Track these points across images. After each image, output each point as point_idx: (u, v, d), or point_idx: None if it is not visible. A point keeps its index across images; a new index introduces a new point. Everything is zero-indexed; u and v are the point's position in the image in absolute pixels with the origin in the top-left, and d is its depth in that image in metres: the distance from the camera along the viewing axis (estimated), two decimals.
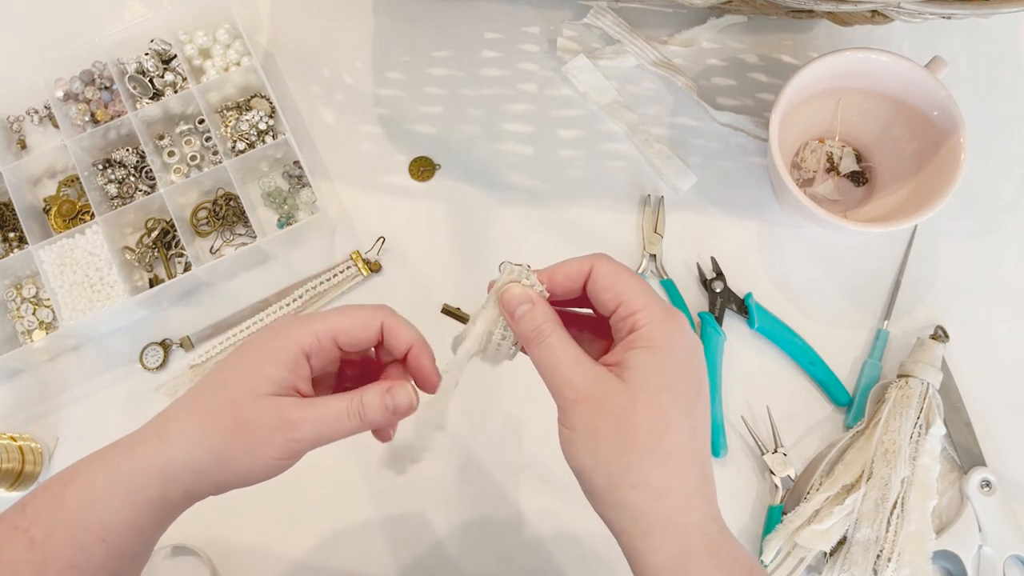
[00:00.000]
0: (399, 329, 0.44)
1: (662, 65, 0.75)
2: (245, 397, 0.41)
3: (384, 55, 0.77)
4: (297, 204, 0.74)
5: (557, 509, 0.66)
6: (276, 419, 0.41)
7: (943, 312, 0.70)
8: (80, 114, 0.72)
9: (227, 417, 0.41)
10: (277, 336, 0.42)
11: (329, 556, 0.66)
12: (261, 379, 0.41)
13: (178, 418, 0.42)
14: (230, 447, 0.41)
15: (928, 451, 0.63)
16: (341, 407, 0.42)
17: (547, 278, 0.42)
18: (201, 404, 0.42)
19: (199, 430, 0.41)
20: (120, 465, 0.41)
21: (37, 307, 0.71)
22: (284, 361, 0.42)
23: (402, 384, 0.43)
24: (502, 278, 0.42)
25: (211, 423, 0.41)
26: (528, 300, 0.41)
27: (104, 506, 0.40)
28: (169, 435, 0.41)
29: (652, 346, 0.39)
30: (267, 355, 0.42)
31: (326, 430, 0.42)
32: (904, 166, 0.69)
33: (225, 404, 0.41)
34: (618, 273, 0.41)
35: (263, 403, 0.41)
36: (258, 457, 0.41)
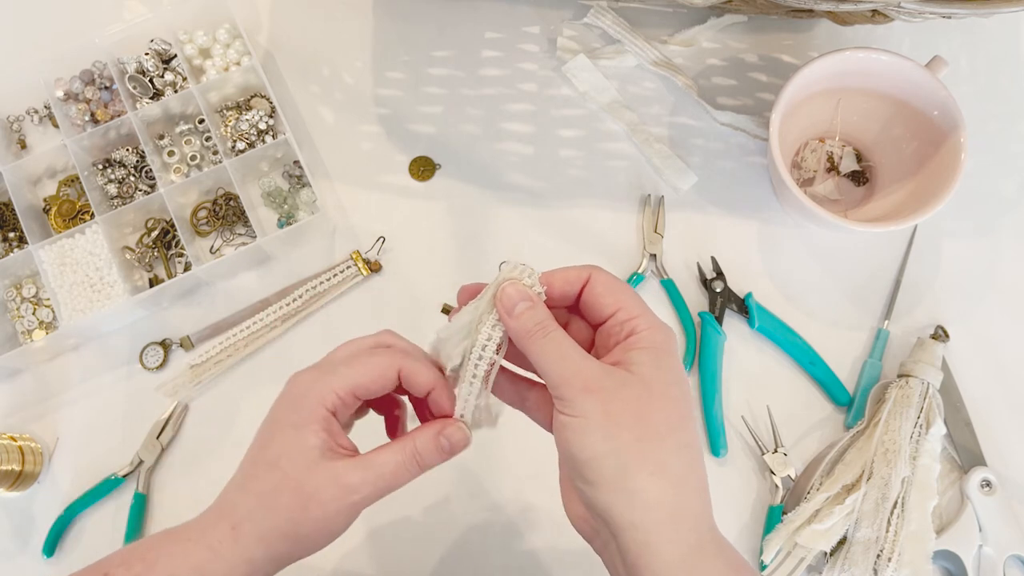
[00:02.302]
0: (417, 375, 0.44)
1: (662, 65, 0.75)
2: (299, 472, 0.41)
3: (384, 55, 0.77)
4: (297, 204, 0.74)
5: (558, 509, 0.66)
6: (336, 487, 0.41)
7: (943, 312, 0.70)
8: (80, 114, 0.72)
9: (289, 499, 0.41)
10: (302, 401, 0.42)
11: (329, 556, 0.66)
12: (306, 450, 0.41)
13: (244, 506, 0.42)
14: (302, 527, 0.41)
15: (928, 451, 0.63)
16: (397, 459, 0.42)
17: (547, 281, 0.42)
18: (259, 489, 0.42)
19: (267, 517, 0.41)
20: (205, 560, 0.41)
21: (37, 307, 0.71)
22: (319, 424, 0.42)
23: (453, 423, 0.43)
24: (501, 274, 0.42)
25: (276, 507, 0.41)
26: (528, 298, 0.41)
27: None
28: (242, 528, 0.41)
29: (654, 348, 0.39)
30: (300, 423, 0.42)
31: (386, 485, 0.42)
32: (904, 166, 0.69)
33: (281, 485, 0.41)
34: (616, 282, 0.41)
35: (319, 473, 0.41)
36: (328, 527, 0.42)
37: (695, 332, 0.70)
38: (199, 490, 0.66)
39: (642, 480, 0.36)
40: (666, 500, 0.36)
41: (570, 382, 0.38)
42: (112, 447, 0.68)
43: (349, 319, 0.71)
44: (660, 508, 0.36)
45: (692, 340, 0.69)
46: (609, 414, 0.37)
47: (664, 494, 0.36)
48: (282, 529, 0.41)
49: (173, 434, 0.68)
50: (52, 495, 0.68)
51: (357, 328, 0.49)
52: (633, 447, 0.37)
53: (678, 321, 0.70)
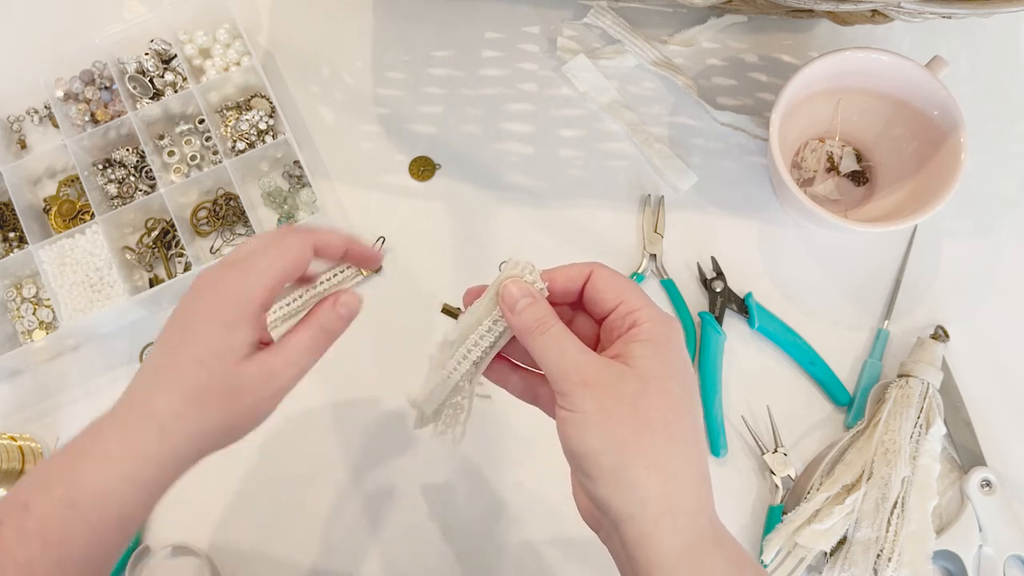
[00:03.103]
0: (330, 241, 0.47)
1: (662, 65, 0.75)
2: (228, 369, 0.42)
3: (384, 55, 0.77)
4: (297, 204, 0.74)
5: (559, 507, 0.66)
6: (263, 375, 0.43)
7: (943, 312, 0.70)
8: (80, 114, 0.72)
9: (219, 394, 0.42)
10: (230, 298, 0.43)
11: (329, 556, 0.66)
12: (235, 347, 0.43)
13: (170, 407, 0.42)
14: (233, 417, 0.43)
15: (928, 451, 0.63)
16: (308, 336, 0.45)
17: (549, 278, 0.43)
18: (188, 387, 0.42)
19: (199, 415, 0.42)
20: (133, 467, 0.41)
21: (37, 307, 0.71)
22: (250, 322, 0.43)
23: (346, 291, 0.48)
24: (504, 272, 0.43)
25: (208, 403, 0.42)
26: (529, 295, 0.42)
27: (120, 503, 0.41)
28: (169, 425, 0.42)
29: (655, 340, 0.39)
30: (232, 321, 0.43)
31: (304, 362, 0.45)
32: (904, 166, 0.69)
33: (211, 382, 0.42)
34: (618, 277, 0.42)
35: (246, 367, 0.43)
36: (257, 414, 0.44)
37: (695, 332, 0.70)
38: (199, 489, 0.66)
39: (638, 474, 0.37)
40: (662, 494, 0.37)
41: (568, 377, 0.39)
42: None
43: None
44: (656, 502, 0.37)
45: (692, 340, 0.69)
46: (606, 409, 0.38)
47: (660, 488, 0.37)
48: (213, 425, 0.42)
49: None
50: None
51: (357, 328, 0.49)
52: (629, 442, 0.37)
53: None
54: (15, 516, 0.41)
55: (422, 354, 0.72)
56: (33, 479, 0.42)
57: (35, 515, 0.40)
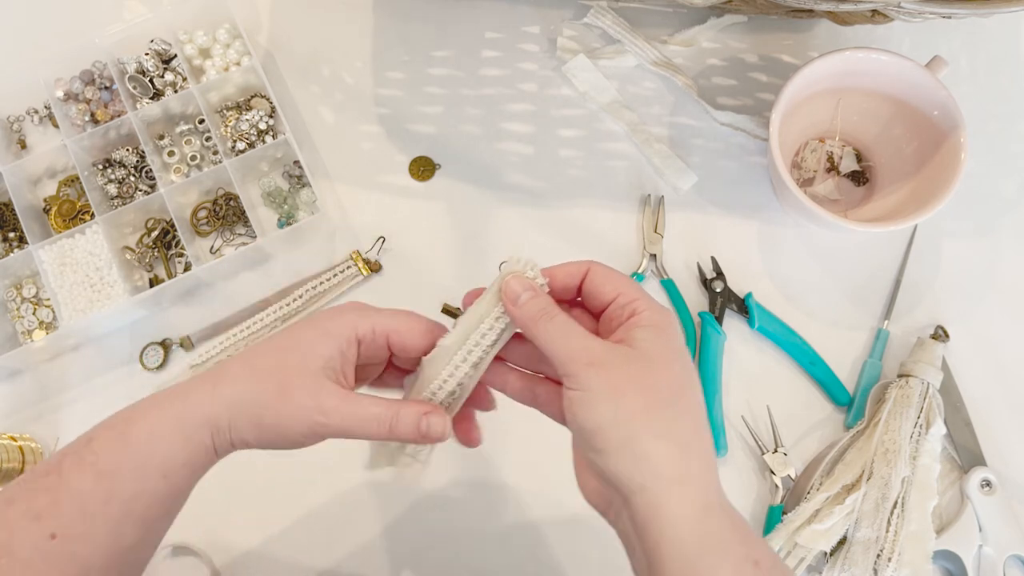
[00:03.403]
0: None
1: (662, 65, 0.75)
2: (294, 367, 0.43)
3: (384, 55, 0.77)
4: (297, 204, 0.74)
5: (562, 505, 0.66)
6: (313, 400, 0.42)
7: (943, 312, 0.70)
8: (80, 114, 0.72)
9: (273, 381, 0.43)
10: (338, 317, 0.45)
11: (329, 556, 0.66)
12: (314, 354, 0.43)
13: (232, 370, 0.44)
14: (267, 409, 0.43)
15: (928, 451, 0.63)
16: (376, 412, 0.43)
17: (548, 274, 0.44)
18: (254, 362, 0.44)
19: (246, 384, 0.43)
20: (179, 409, 0.43)
21: (37, 307, 0.71)
22: (339, 342, 0.44)
23: (441, 413, 0.44)
24: (503, 270, 0.44)
25: (258, 381, 0.43)
26: (531, 288, 0.43)
27: (167, 445, 0.42)
28: (221, 385, 0.44)
29: (655, 325, 0.41)
30: (325, 332, 0.44)
31: (354, 427, 0.43)
32: (904, 166, 0.69)
33: (275, 369, 0.43)
34: (614, 272, 0.44)
35: (308, 379, 0.43)
36: (287, 426, 0.43)
37: (695, 332, 0.70)
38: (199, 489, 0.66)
39: (648, 444, 0.38)
40: (672, 463, 0.38)
41: (575, 359, 0.40)
42: None
43: None
44: (666, 471, 0.37)
45: (692, 340, 0.69)
46: (614, 385, 0.39)
47: (670, 457, 0.38)
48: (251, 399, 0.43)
49: None
50: None
51: None
52: (638, 414, 0.38)
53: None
54: (79, 446, 0.43)
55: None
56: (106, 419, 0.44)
57: (94, 447, 0.43)
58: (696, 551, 0.37)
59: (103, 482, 0.41)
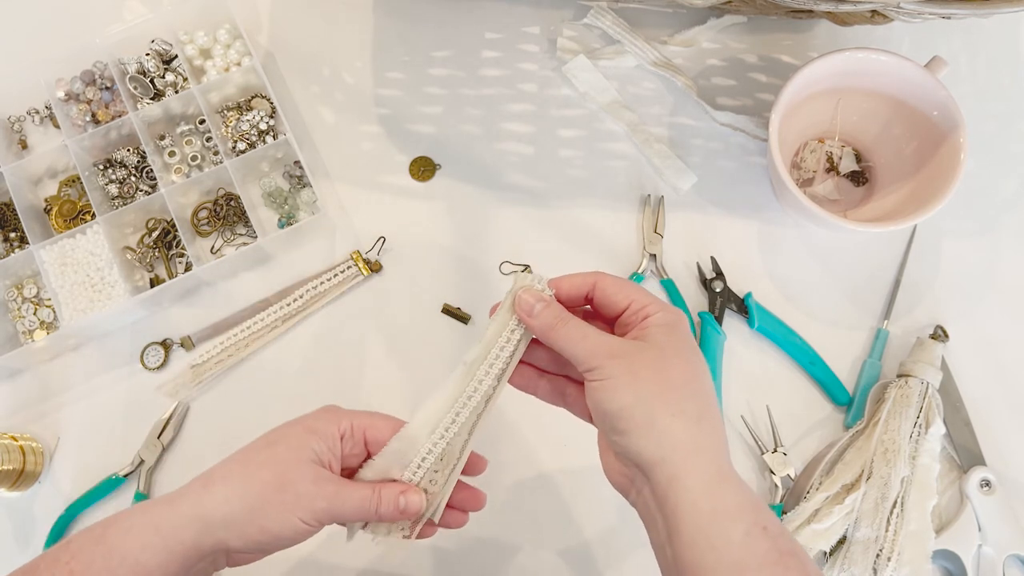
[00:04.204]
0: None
1: (662, 65, 0.75)
2: (290, 458, 0.46)
3: (384, 55, 0.77)
4: (298, 204, 0.74)
5: (564, 506, 0.66)
6: (313, 485, 0.45)
7: (943, 312, 0.70)
8: (81, 114, 0.72)
9: (270, 473, 0.45)
10: (322, 416, 0.49)
11: (330, 555, 0.66)
12: (306, 447, 0.46)
13: (224, 469, 0.46)
14: (266, 503, 0.44)
15: (928, 450, 0.63)
16: (364, 494, 0.47)
17: (555, 285, 0.47)
18: (248, 458, 0.47)
19: (241, 482, 0.45)
20: (161, 512, 0.44)
21: (38, 307, 0.71)
22: (326, 437, 0.47)
23: (417, 490, 0.48)
24: (514, 286, 0.47)
25: (254, 476, 0.45)
26: (542, 299, 0.46)
27: (139, 546, 0.43)
28: (213, 484, 0.45)
29: (667, 324, 0.44)
30: (313, 429, 0.47)
31: (346, 507, 0.46)
32: (904, 166, 0.69)
33: (270, 461, 0.46)
34: (623, 281, 0.47)
35: (305, 468, 0.46)
36: (289, 517, 0.45)
37: (695, 332, 0.70)
38: None
39: (665, 421, 0.41)
40: (687, 437, 0.41)
41: (596, 353, 0.43)
42: (113, 447, 0.69)
43: (350, 319, 0.71)
44: (683, 444, 0.41)
45: None
46: (633, 372, 0.42)
47: (685, 431, 0.41)
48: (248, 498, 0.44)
49: (174, 434, 0.68)
50: (53, 495, 0.68)
51: (357, 329, 0.49)
52: (656, 395, 0.42)
53: None
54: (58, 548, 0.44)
55: (422, 354, 0.72)
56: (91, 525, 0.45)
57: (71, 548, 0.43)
58: (710, 515, 0.40)
59: None
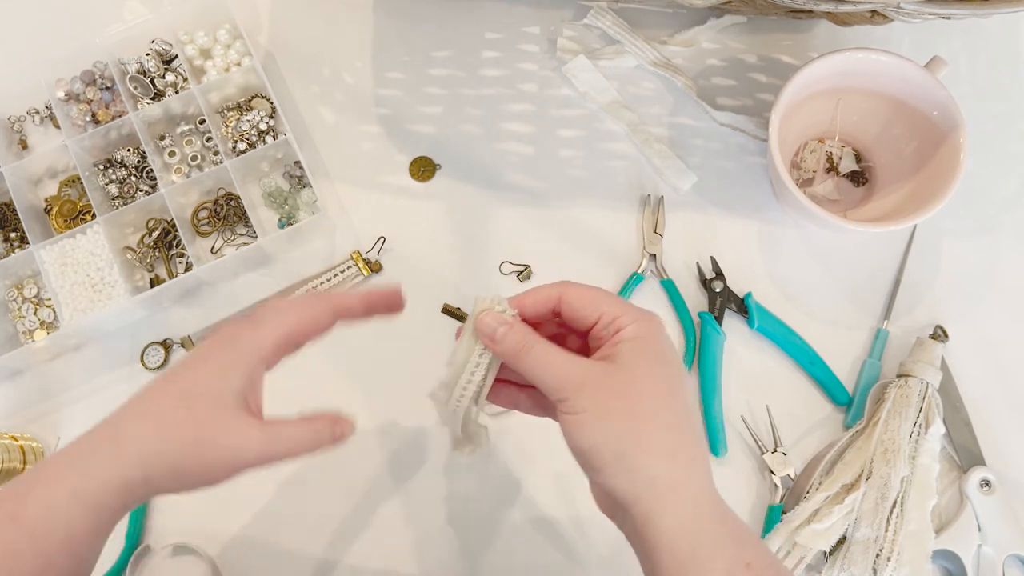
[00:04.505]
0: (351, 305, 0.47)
1: (662, 65, 0.75)
2: (207, 413, 0.42)
3: (384, 55, 0.77)
4: (298, 204, 0.74)
5: (562, 507, 0.66)
6: (238, 438, 0.42)
7: (943, 312, 0.70)
8: (81, 114, 0.72)
9: (187, 432, 0.42)
10: (236, 345, 0.44)
11: (330, 555, 0.66)
12: (223, 392, 0.42)
13: (135, 427, 0.43)
14: (186, 458, 0.42)
15: (928, 450, 0.63)
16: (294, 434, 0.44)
17: (518, 304, 0.44)
18: (160, 415, 0.43)
19: (157, 443, 0.42)
20: (79, 481, 0.41)
21: (38, 307, 0.71)
22: (245, 372, 0.43)
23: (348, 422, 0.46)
24: (474, 309, 0.45)
25: (170, 436, 0.42)
26: (504, 322, 0.43)
27: (66, 520, 0.41)
28: (126, 445, 0.42)
29: (638, 336, 0.42)
30: (228, 365, 0.43)
31: (278, 454, 0.43)
32: (904, 166, 0.69)
33: (186, 419, 0.42)
34: (590, 292, 0.44)
35: (228, 419, 0.42)
36: (215, 472, 0.42)
37: (695, 332, 0.70)
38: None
39: (638, 459, 0.39)
40: (661, 473, 0.39)
41: (563, 385, 0.41)
42: None
43: None
44: (656, 483, 0.39)
45: (692, 340, 0.69)
46: (601, 406, 0.40)
47: (659, 468, 0.39)
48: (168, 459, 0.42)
49: None
50: None
51: (357, 329, 0.49)
52: (625, 432, 0.40)
53: (678, 321, 0.70)
54: None
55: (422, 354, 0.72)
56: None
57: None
58: (689, 555, 0.38)
59: None
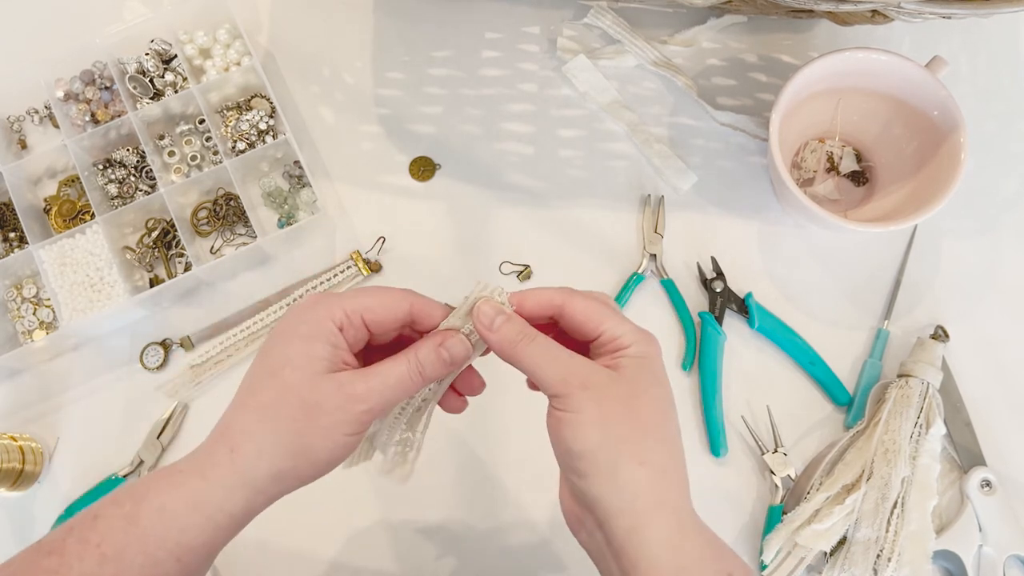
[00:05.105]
0: (429, 309, 0.45)
1: (662, 65, 0.75)
2: (303, 381, 0.41)
3: (384, 55, 0.77)
4: (297, 204, 0.74)
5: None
6: (341, 395, 0.41)
7: (943, 312, 0.70)
8: (80, 114, 0.72)
9: (292, 408, 0.40)
10: (310, 314, 0.42)
11: (330, 555, 0.66)
12: (311, 359, 0.41)
13: (243, 425, 0.41)
14: (305, 438, 0.40)
15: (928, 451, 0.63)
16: (401, 370, 0.42)
17: (517, 301, 0.44)
18: (260, 402, 0.41)
19: (267, 431, 0.41)
20: (199, 490, 0.40)
21: (37, 307, 0.71)
22: (325, 337, 0.42)
23: (455, 334, 0.44)
24: (475, 291, 0.44)
25: (277, 419, 0.40)
26: (502, 312, 0.43)
27: (181, 528, 0.40)
28: (241, 447, 0.41)
29: (640, 356, 0.42)
30: (307, 335, 0.42)
31: (391, 395, 0.42)
32: (904, 166, 0.69)
33: (285, 395, 0.41)
34: (593, 307, 0.43)
35: (323, 383, 0.41)
36: (333, 438, 0.41)
37: (695, 332, 0.70)
38: None
39: (631, 470, 0.39)
40: (651, 488, 0.39)
41: (567, 380, 0.41)
42: (112, 447, 0.68)
43: None
44: (646, 495, 0.39)
45: (692, 340, 0.69)
46: (603, 409, 0.40)
47: (650, 482, 0.39)
48: (284, 442, 0.40)
49: (173, 434, 0.68)
50: (53, 495, 0.68)
51: None
52: (623, 440, 0.40)
53: (678, 321, 0.70)
54: (84, 526, 0.40)
55: None
56: (114, 492, 0.41)
57: (99, 527, 0.40)
58: (674, 571, 0.38)
59: (108, 567, 0.39)
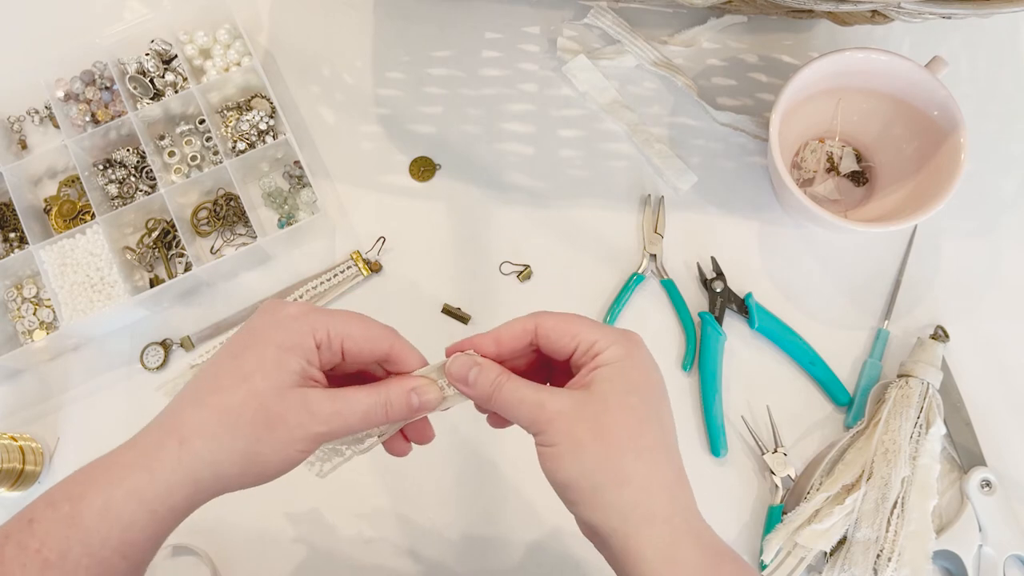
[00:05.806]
0: (407, 354, 0.45)
1: (662, 65, 0.75)
2: (270, 391, 0.40)
3: (384, 55, 0.77)
4: (297, 204, 0.74)
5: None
6: (305, 412, 0.40)
7: (943, 312, 0.70)
8: (81, 114, 0.72)
9: (253, 414, 0.40)
10: (293, 324, 0.42)
11: (330, 554, 0.66)
12: (283, 370, 0.40)
13: (198, 419, 0.40)
14: (259, 445, 0.40)
15: (928, 451, 0.63)
16: (369, 402, 0.42)
17: (493, 340, 0.44)
18: (224, 404, 0.40)
19: (225, 433, 0.40)
20: (141, 482, 0.39)
21: (38, 307, 0.71)
22: (302, 352, 0.41)
23: (429, 382, 0.44)
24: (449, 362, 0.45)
25: (237, 423, 0.40)
26: (475, 363, 0.43)
27: (125, 525, 0.39)
28: (190, 441, 0.40)
29: (614, 362, 0.41)
30: (285, 344, 0.41)
31: (353, 423, 0.42)
32: (904, 166, 0.69)
33: (249, 401, 0.40)
34: (563, 321, 0.43)
35: (290, 395, 0.40)
36: (286, 451, 0.41)
37: (695, 332, 0.70)
38: None
39: (612, 493, 0.39)
40: (635, 506, 0.39)
41: (537, 418, 0.41)
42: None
43: None
44: (632, 514, 0.39)
45: (692, 340, 0.69)
46: (575, 438, 0.40)
47: (633, 501, 0.39)
48: (239, 448, 0.40)
49: None
50: None
51: None
52: (599, 465, 0.40)
53: (678, 321, 0.70)
54: (21, 532, 0.39)
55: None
56: (47, 493, 0.40)
57: (37, 532, 0.39)
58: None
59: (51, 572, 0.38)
